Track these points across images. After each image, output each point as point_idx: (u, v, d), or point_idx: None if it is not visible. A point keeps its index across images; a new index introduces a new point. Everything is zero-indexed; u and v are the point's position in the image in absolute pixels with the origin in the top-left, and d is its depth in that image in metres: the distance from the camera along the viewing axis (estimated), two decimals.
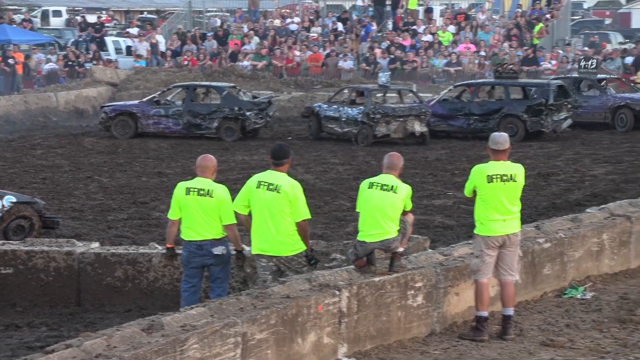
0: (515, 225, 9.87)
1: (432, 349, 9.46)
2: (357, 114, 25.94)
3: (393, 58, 38.20)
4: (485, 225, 9.78)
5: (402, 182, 9.77)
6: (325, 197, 18.53)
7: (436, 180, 20.21)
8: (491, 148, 9.91)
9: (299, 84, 37.25)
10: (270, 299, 8.63)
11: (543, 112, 26.60)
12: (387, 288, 9.43)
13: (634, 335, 9.86)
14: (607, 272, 12.21)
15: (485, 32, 40.71)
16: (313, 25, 43.05)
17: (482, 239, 9.81)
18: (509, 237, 9.80)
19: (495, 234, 9.76)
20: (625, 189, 18.84)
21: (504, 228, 9.76)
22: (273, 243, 9.73)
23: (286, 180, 9.74)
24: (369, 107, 25.71)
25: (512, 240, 9.83)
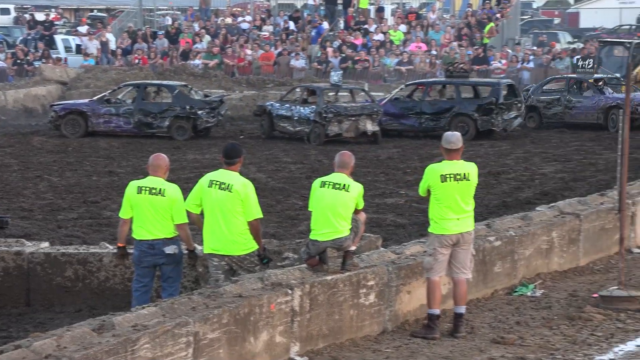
0: (469, 224, 9.93)
1: (384, 347, 9.49)
2: (309, 113, 25.94)
3: (345, 57, 38.26)
4: (439, 224, 9.83)
5: (354, 180, 9.79)
6: (278, 196, 18.52)
7: (388, 179, 20.28)
8: (444, 147, 9.96)
9: (251, 82, 37.19)
10: (223, 298, 8.61)
11: (493, 111, 26.80)
12: (339, 287, 9.45)
13: (583, 332, 9.97)
14: (556, 270, 12.33)
15: (436, 32, 40.93)
16: (265, 24, 43.01)
17: (436, 238, 9.86)
18: (462, 235, 9.86)
19: (449, 233, 9.81)
20: (574, 187, 19.04)
21: (458, 227, 9.82)
22: (225, 242, 9.71)
23: (238, 180, 9.72)
24: (321, 106, 25.72)
25: (466, 238, 9.90)
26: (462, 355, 9.26)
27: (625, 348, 9.49)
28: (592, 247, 12.97)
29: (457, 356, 9.23)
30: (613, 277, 11.89)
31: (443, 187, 9.79)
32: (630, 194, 13.90)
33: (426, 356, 9.27)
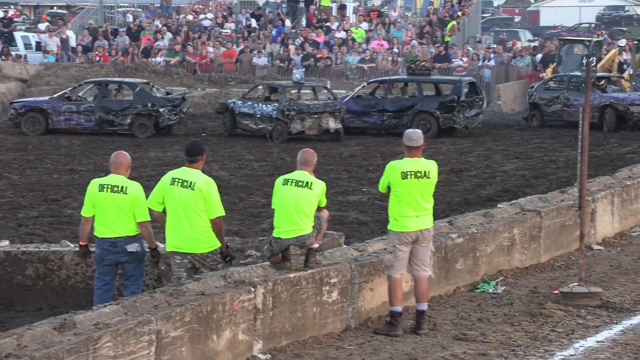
0: (428, 221, 9.97)
1: (347, 345, 9.51)
2: (271, 110, 25.90)
3: (307, 55, 38.26)
4: (399, 221, 9.86)
5: (317, 178, 9.80)
6: (240, 193, 18.49)
7: (351, 176, 20.32)
8: (406, 145, 9.99)
9: (213, 80, 37.10)
10: (185, 296, 8.58)
11: (455, 109, 26.93)
12: (302, 284, 9.45)
13: (544, 328, 10.04)
14: (518, 267, 12.40)
15: (397, 30, 41.04)
16: (226, 21, 42.89)
17: (395, 235, 9.88)
18: (422, 232, 9.89)
19: (408, 230, 9.84)
20: (535, 184, 19.17)
21: (417, 224, 9.85)
22: (187, 240, 9.68)
23: (200, 177, 9.70)
24: (284, 104, 25.69)
25: (425, 235, 9.93)
26: (425, 352, 9.29)
27: (586, 344, 9.57)
28: (553, 243, 13.07)
29: (419, 353, 9.27)
30: (573, 274, 11.98)
31: (403, 184, 9.82)
32: (590, 191, 14.03)
33: (389, 353, 9.30)
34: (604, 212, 14.19)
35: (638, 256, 13.26)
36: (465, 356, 9.12)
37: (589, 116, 11.43)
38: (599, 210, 14.05)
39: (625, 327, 10.10)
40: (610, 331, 9.96)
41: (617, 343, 9.57)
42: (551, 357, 9.16)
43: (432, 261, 10.16)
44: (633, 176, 15.61)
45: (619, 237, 14.35)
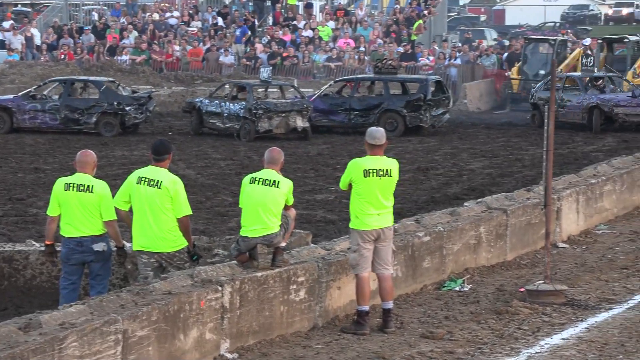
0: (389, 220, 9.99)
1: (315, 343, 9.51)
2: (239, 109, 25.85)
3: (273, 53, 38.23)
4: (360, 219, 9.88)
5: (284, 177, 9.79)
6: (207, 192, 18.44)
7: (318, 175, 20.32)
8: (368, 143, 10.02)
9: (179, 78, 36.99)
10: (152, 295, 8.55)
11: (422, 108, 27.00)
12: (269, 283, 9.45)
13: (510, 326, 10.09)
14: (484, 265, 12.46)
15: (364, 28, 41.11)
16: (193, 20, 42.76)
17: (357, 233, 9.90)
18: (383, 231, 9.92)
19: (370, 228, 9.86)
20: (501, 182, 19.27)
21: (378, 222, 9.87)
22: (154, 239, 9.65)
23: (167, 176, 9.66)
24: (251, 103, 25.63)
25: (387, 234, 9.96)
26: (392, 350, 9.31)
27: (552, 341, 9.64)
28: (519, 241, 13.14)
29: (386, 351, 9.29)
30: (539, 272, 12.05)
31: (365, 182, 9.84)
32: (556, 189, 14.11)
33: (356, 352, 9.31)
34: (569, 210, 14.28)
35: (603, 254, 13.36)
36: (432, 354, 9.15)
37: (578, 117, 11.52)
38: (565, 208, 14.14)
39: (590, 324, 10.18)
40: (576, 329, 10.03)
41: (582, 340, 9.65)
42: (517, 355, 9.21)
43: (394, 259, 10.17)
44: (598, 174, 15.73)
45: (584, 235, 14.45)
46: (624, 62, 33.05)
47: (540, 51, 35.16)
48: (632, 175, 16.28)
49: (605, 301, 11.02)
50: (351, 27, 41.59)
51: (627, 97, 27.27)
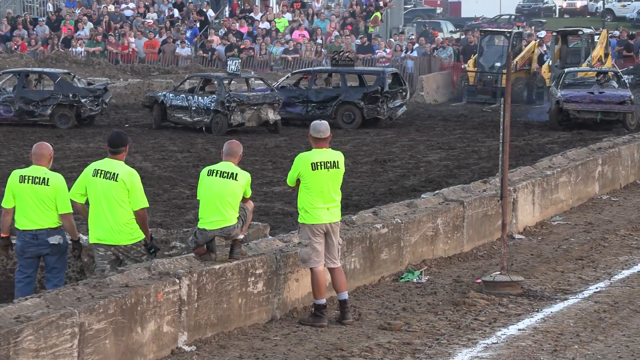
0: (337, 214, 10.00)
1: (273, 335, 9.51)
2: (209, 102, 25.35)
3: (230, 45, 38.11)
4: (310, 213, 9.88)
5: (242, 169, 9.77)
6: (165, 184, 18.35)
7: (275, 167, 20.31)
8: (313, 136, 10.04)
9: (136, 70, 36.77)
10: (109, 288, 8.50)
11: (379, 100, 27.05)
12: (227, 275, 9.43)
13: (467, 317, 10.15)
14: (441, 256, 12.52)
15: (321, 20, 41.10)
16: (149, 11, 42.51)
17: (308, 228, 9.90)
18: (331, 225, 9.93)
19: (320, 222, 9.86)
20: (458, 174, 19.37)
21: (327, 216, 9.89)
22: (111, 232, 9.59)
23: (124, 169, 9.60)
24: (224, 96, 25.15)
25: (334, 229, 9.97)
26: (350, 342, 9.34)
27: (508, 332, 9.71)
28: (476, 233, 13.22)
29: (344, 342, 9.31)
30: (496, 263, 12.13)
31: (314, 175, 9.85)
32: (512, 181, 14.21)
33: (314, 343, 9.32)
34: (525, 201, 14.39)
35: (558, 245, 13.48)
36: (390, 345, 9.18)
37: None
38: (520, 199, 14.24)
39: (545, 314, 10.27)
40: (532, 319, 10.12)
41: (538, 331, 9.73)
42: (474, 345, 9.27)
43: (340, 253, 10.18)
44: (553, 166, 15.85)
45: (540, 226, 14.57)
46: (578, 55, 33.33)
47: (495, 43, 35.36)
48: (587, 167, 16.43)
49: (561, 292, 11.12)
50: (308, 19, 41.57)
51: (583, 94, 26.57)
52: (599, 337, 9.53)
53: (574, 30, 35.59)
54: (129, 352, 8.38)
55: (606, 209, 15.86)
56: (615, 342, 9.42)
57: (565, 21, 61.97)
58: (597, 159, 16.81)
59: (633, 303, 10.64)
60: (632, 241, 13.63)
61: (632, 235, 13.95)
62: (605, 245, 13.37)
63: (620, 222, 14.80)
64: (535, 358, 8.97)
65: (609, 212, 15.58)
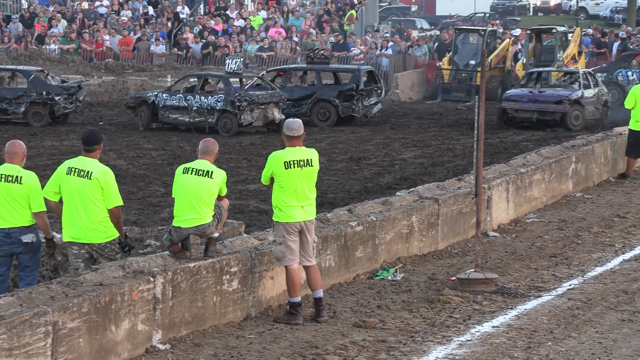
0: (312, 212, 10.01)
1: (248, 333, 9.51)
2: (214, 102, 24.88)
3: (206, 43, 38.04)
4: (284, 212, 9.88)
5: (217, 167, 9.76)
6: (139, 182, 18.30)
7: (251, 165, 20.29)
8: (286, 135, 10.04)
9: (110, 68, 36.62)
10: (83, 286, 8.47)
11: (354, 97, 27.07)
12: (202, 273, 9.41)
13: (442, 314, 10.18)
14: (416, 254, 12.55)
15: (296, 18, 41.08)
16: (123, 9, 42.35)
17: (282, 226, 9.90)
18: (305, 224, 9.93)
19: (294, 220, 9.86)
20: (433, 172, 19.41)
21: (301, 215, 9.89)
22: (85, 230, 9.56)
23: (98, 167, 9.57)
24: (234, 95, 24.75)
25: (308, 227, 9.98)
26: (325, 340, 9.34)
27: (482, 329, 9.75)
28: (450, 230, 13.26)
29: (319, 340, 9.31)
30: (470, 260, 12.17)
31: (287, 174, 9.85)
32: (486, 179, 14.26)
33: (289, 341, 9.32)
34: (499, 199, 14.44)
35: (532, 242, 13.54)
36: (364, 343, 9.20)
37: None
38: (495, 197, 14.29)
39: (519, 312, 10.32)
40: (506, 316, 10.16)
41: (512, 328, 9.77)
42: (448, 343, 9.30)
43: (316, 251, 10.19)
44: (527, 164, 15.92)
45: (514, 223, 14.63)
46: (552, 53, 33.48)
47: (470, 41, 35.47)
48: (561, 165, 16.52)
49: (535, 289, 11.17)
50: (283, 16, 41.54)
51: (522, 93, 26.24)
52: (572, 334, 9.59)
53: (548, 28, 35.74)
54: (103, 351, 8.35)
55: (580, 206, 15.95)
56: (589, 338, 9.48)
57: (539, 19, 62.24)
58: (571, 157, 16.89)
59: (606, 300, 10.71)
60: (605, 238, 13.72)
61: (605, 233, 14.03)
62: (578, 243, 13.45)
63: (593, 220, 14.88)
64: (509, 355, 9.01)
65: (582, 210, 15.67)
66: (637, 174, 18.47)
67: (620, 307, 10.44)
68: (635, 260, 12.52)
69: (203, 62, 37.48)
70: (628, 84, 30.23)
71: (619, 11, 59.89)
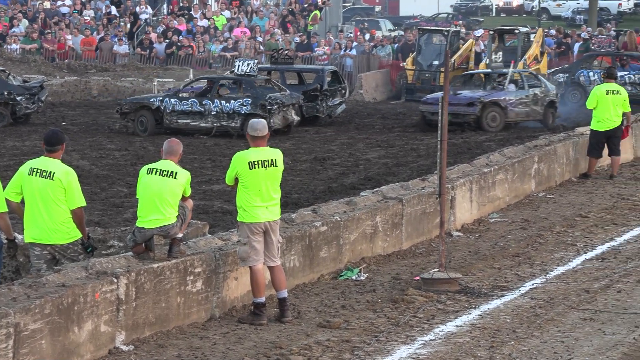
0: (277, 213, 10.02)
1: (212, 334, 9.49)
2: (239, 106, 24.37)
3: (170, 42, 37.89)
4: (248, 212, 9.88)
5: (182, 167, 9.73)
6: (102, 183, 18.20)
7: (215, 165, 20.25)
8: (250, 135, 10.07)
9: (72, 68, 36.39)
10: (45, 288, 8.41)
11: (318, 98, 27.08)
12: (166, 274, 9.38)
13: (406, 314, 10.21)
14: (380, 254, 12.57)
15: (260, 18, 41.03)
16: (85, 9, 42.08)
17: (246, 226, 9.90)
18: (270, 224, 9.94)
19: (258, 220, 9.87)
20: (397, 172, 19.46)
21: (266, 215, 9.90)
22: (47, 231, 9.49)
23: (60, 167, 9.51)
24: (264, 98, 24.32)
25: (273, 227, 9.99)
26: (289, 340, 9.34)
27: (446, 329, 9.78)
28: (414, 230, 13.30)
29: (284, 341, 9.31)
30: (434, 260, 12.22)
31: (251, 174, 9.86)
32: (450, 179, 14.32)
33: (253, 342, 9.31)
34: (463, 199, 14.50)
35: (495, 242, 13.61)
36: (329, 343, 9.20)
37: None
38: (458, 197, 14.35)
39: (483, 311, 10.37)
40: (469, 316, 10.20)
41: (475, 327, 9.82)
42: (412, 342, 9.33)
43: (280, 251, 10.20)
44: (490, 164, 16.00)
45: (477, 223, 14.69)
46: (515, 53, 33.68)
47: (433, 42, 35.59)
48: (523, 164, 16.61)
49: (498, 288, 11.23)
50: (247, 16, 41.46)
51: (438, 96, 26.30)
52: (534, 333, 9.65)
53: (511, 29, 35.95)
54: (66, 352, 8.30)
55: (542, 206, 16.05)
56: (551, 337, 9.55)
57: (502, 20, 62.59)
58: (534, 157, 17.00)
59: (568, 299, 10.79)
60: (567, 238, 13.81)
61: (568, 232, 14.13)
62: (541, 242, 13.53)
63: (555, 219, 14.98)
64: (473, 354, 9.05)
65: (544, 209, 15.77)
66: (598, 174, 18.61)
67: (582, 306, 10.52)
68: (597, 260, 12.62)
69: (167, 62, 37.33)
70: (590, 84, 30.47)
71: (580, 12, 60.40)
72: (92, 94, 33.47)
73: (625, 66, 31.94)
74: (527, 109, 26.03)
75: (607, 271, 12.00)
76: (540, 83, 26.95)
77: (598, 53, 33.48)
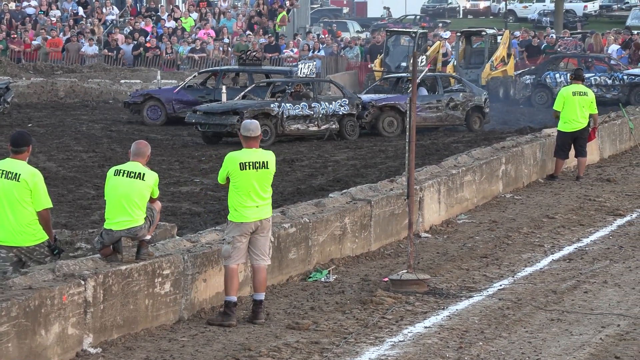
0: (268, 211, 10.05)
1: (180, 336, 9.45)
2: (338, 107, 24.41)
3: (137, 44, 37.74)
4: (239, 212, 9.89)
5: (149, 169, 9.69)
6: (69, 185, 18.09)
7: (183, 167, 20.17)
8: (243, 135, 10.07)
9: (39, 69, 36.15)
10: (11, 290, 8.35)
11: None
12: (134, 276, 9.33)
13: (375, 315, 10.22)
14: (349, 255, 12.58)
15: (227, 19, 40.96)
16: (51, 9, 41.82)
17: (236, 226, 9.90)
18: (261, 222, 9.97)
19: (248, 220, 9.89)
20: (366, 173, 19.48)
21: (257, 214, 9.91)
22: (13, 233, 9.41)
23: (26, 169, 9.44)
24: (355, 98, 24.99)
25: (265, 225, 10.00)
26: (258, 342, 9.33)
27: (414, 330, 9.81)
28: (383, 232, 13.32)
29: (252, 342, 9.29)
30: (403, 261, 12.24)
31: (242, 175, 9.88)
32: (418, 180, 14.35)
33: (222, 344, 9.29)
34: (431, 200, 14.54)
35: (463, 243, 13.65)
36: (298, 345, 9.20)
37: None
38: (427, 198, 14.39)
39: (451, 312, 10.40)
40: (438, 317, 10.23)
41: (444, 328, 9.85)
42: (381, 344, 9.35)
43: (271, 250, 10.21)
44: (458, 165, 16.05)
45: (446, 224, 14.74)
46: (482, 55, 33.84)
47: (401, 43, 35.69)
48: (491, 166, 16.69)
49: (466, 289, 11.27)
50: (214, 18, 41.37)
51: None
52: (502, 334, 9.69)
53: (478, 30, 36.12)
54: (33, 356, 8.24)
55: (510, 207, 16.13)
56: (519, 338, 9.59)
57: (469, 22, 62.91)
58: (501, 158, 17.07)
59: (535, 300, 10.84)
60: (534, 239, 13.89)
61: (535, 233, 14.21)
62: (508, 243, 13.60)
63: (523, 220, 15.06)
64: (441, 355, 9.08)
65: (512, 211, 15.85)
66: (565, 176, 18.73)
67: (549, 307, 10.58)
68: (564, 261, 12.69)
69: (134, 64, 37.18)
70: (556, 86, 30.70)
71: (546, 14, 60.77)
72: (59, 95, 33.29)
73: (590, 68, 32.20)
74: (440, 113, 25.94)
75: (574, 272, 12.08)
76: (464, 87, 26.80)
77: (564, 55, 33.71)
